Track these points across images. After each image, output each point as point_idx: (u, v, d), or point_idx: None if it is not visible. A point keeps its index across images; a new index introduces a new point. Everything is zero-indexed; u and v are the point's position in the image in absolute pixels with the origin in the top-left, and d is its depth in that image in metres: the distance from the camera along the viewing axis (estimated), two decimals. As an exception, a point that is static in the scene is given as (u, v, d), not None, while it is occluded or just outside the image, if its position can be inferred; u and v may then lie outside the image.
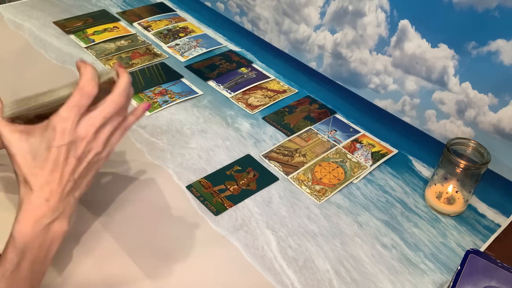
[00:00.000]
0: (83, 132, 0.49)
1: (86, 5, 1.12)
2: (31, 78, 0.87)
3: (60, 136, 0.48)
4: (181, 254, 0.59)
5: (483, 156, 0.66)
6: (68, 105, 0.49)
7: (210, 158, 0.74)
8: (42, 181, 0.48)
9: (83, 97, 0.49)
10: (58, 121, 0.48)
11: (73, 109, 0.48)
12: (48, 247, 0.49)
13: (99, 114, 0.50)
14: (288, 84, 0.93)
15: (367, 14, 0.84)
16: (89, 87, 0.49)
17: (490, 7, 0.68)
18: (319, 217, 0.66)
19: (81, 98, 0.49)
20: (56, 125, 0.48)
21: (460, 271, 0.53)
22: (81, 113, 0.49)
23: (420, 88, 0.81)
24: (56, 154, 0.48)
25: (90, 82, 0.50)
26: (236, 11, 1.11)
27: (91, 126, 0.50)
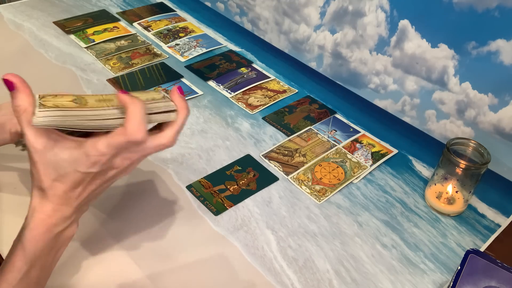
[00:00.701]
0: (117, 164, 0.47)
1: (86, 5, 1.12)
2: (31, 78, 0.86)
3: (91, 165, 0.45)
4: (181, 254, 0.59)
5: (483, 156, 0.66)
6: (110, 143, 0.45)
7: (210, 158, 0.74)
8: (60, 193, 0.46)
9: (128, 144, 0.45)
10: (93, 152, 0.45)
11: (113, 149, 0.45)
12: (57, 251, 0.49)
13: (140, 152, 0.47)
14: (288, 84, 0.93)
15: (367, 14, 0.84)
16: (138, 136, 0.45)
17: (490, 7, 0.68)
18: (319, 217, 0.66)
19: (126, 144, 0.45)
20: (90, 154, 0.45)
21: (460, 271, 0.53)
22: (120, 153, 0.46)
23: (420, 88, 0.81)
24: (82, 178, 0.46)
25: (139, 128, 0.45)
26: (236, 11, 1.11)
27: (127, 159, 0.47)
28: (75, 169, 0.45)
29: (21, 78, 0.45)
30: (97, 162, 0.45)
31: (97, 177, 0.47)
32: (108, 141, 0.45)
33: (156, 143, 0.48)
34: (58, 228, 0.47)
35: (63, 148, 0.45)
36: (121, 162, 0.47)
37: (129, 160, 0.47)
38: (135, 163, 0.49)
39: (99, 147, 0.45)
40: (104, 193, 0.60)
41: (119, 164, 0.47)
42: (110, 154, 0.45)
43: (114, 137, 0.45)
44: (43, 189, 0.46)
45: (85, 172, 0.46)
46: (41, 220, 0.46)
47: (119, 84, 0.87)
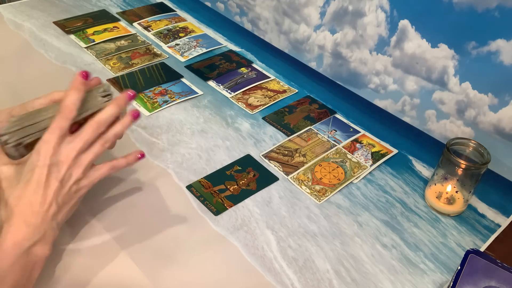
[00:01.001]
0: (64, 155, 0.51)
1: (86, 5, 1.12)
2: (31, 78, 0.87)
3: (43, 157, 0.50)
4: (181, 254, 0.59)
5: (483, 156, 0.66)
6: (50, 128, 0.51)
7: (210, 158, 0.74)
8: (24, 202, 0.49)
9: (63, 119, 0.51)
10: (41, 144, 0.50)
11: (54, 132, 0.51)
12: (30, 271, 0.48)
13: (80, 139, 0.52)
14: (288, 84, 0.93)
15: (367, 14, 0.84)
16: (67, 110, 0.52)
17: (490, 7, 0.68)
18: (319, 217, 0.66)
19: (61, 120, 0.51)
20: (40, 148, 0.50)
21: (460, 271, 0.53)
22: (62, 136, 0.51)
23: (420, 88, 0.81)
24: (38, 175, 0.50)
25: (69, 105, 0.52)
26: (236, 11, 1.11)
27: (71, 150, 0.52)
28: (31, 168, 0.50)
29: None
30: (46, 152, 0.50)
31: (51, 175, 0.50)
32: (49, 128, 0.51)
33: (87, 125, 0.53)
34: (27, 242, 0.48)
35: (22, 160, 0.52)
36: (67, 152, 0.51)
37: (74, 150, 0.51)
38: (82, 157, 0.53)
39: (43, 138, 0.51)
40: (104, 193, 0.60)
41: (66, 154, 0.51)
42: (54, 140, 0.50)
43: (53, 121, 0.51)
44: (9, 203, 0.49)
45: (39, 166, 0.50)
46: (9, 234, 0.47)
47: (119, 84, 0.87)
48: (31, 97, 0.81)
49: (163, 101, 0.84)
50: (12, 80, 0.86)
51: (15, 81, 0.85)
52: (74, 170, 0.52)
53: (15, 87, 0.84)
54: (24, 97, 0.81)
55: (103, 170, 0.55)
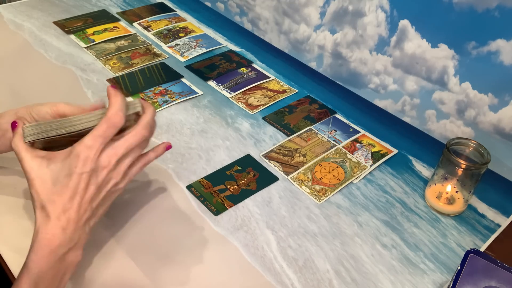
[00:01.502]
0: (105, 161, 0.50)
1: (86, 5, 1.12)
2: (31, 78, 0.87)
3: (83, 163, 0.48)
4: (181, 254, 0.59)
5: (483, 156, 0.66)
6: (94, 134, 0.49)
7: (210, 158, 0.74)
8: (60, 208, 0.48)
9: (110, 128, 0.50)
10: (82, 149, 0.48)
11: (98, 139, 0.49)
12: (62, 277, 0.49)
13: (123, 144, 0.51)
14: (288, 84, 0.93)
15: (367, 14, 0.84)
16: (117, 118, 0.50)
17: (490, 7, 0.68)
18: (319, 217, 0.66)
19: (108, 128, 0.50)
20: (80, 153, 0.48)
21: (460, 271, 0.53)
22: (105, 143, 0.50)
23: (420, 88, 0.81)
24: (76, 181, 0.48)
25: (118, 113, 0.50)
26: (236, 11, 1.11)
27: (113, 156, 0.50)
28: (69, 173, 0.48)
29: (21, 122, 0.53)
30: (86, 158, 0.48)
31: (90, 181, 0.49)
32: (91, 133, 0.49)
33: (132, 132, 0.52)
34: (62, 249, 0.48)
35: (56, 160, 0.49)
36: (108, 159, 0.50)
37: (115, 157, 0.50)
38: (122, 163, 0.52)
39: (85, 142, 0.49)
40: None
41: (107, 161, 0.50)
42: (97, 146, 0.49)
43: (96, 128, 0.49)
44: (44, 206, 0.48)
45: (78, 173, 0.48)
46: (45, 241, 0.47)
47: (119, 84, 0.87)
48: (31, 97, 0.81)
49: (163, 101, 0.84)
50: (12, 80, 0.86)
51: (15, 81, 0.85)
52: (113, 174, 0.51)
53: (15, 87, 0.84)
54: (24, 97, 0.82)
55: (137, 168, 0.55)
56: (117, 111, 0.50)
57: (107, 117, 0.50)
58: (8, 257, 0.56)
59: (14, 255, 0.56)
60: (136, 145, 0.53)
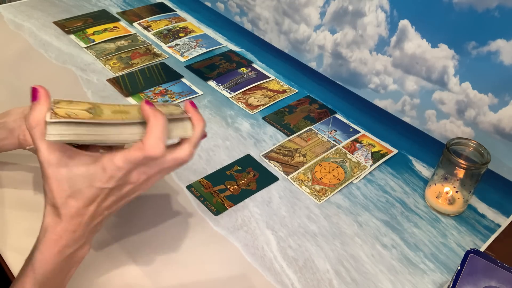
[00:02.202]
0: (134, 179, 0.46)
1: (86, 5, 1.12)
2: (31, 78, 0.87)
3: (107, 180, 0.44)
4: (181, 254, 0.59)
5: (483, 156, 0.66)
6: (126, 158, 0.44)
7: (210, 158, 0.74)
8: (73, 212, 0.44)
9: (145, 159, 0.44)
10: (110, 166, 0.44)
11: (130, 164, 0.44)
12: (67, 273, 0.47)
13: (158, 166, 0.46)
14: (288, 84, 0.93)
15: (367, 14, 0.84)
16: (156, 151, 0.44)
17: (490, 7, 0.68)
18: (319, 217, 0.66)
19: (143, 159, 0.44)
20: (107, 169, 0.44)
21: (460, 271, 0.53)
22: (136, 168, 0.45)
23: (420, 88, 0.81)
24: (97, 193, 0.45)
25: (158, 144, 0.44)
26: (236, 11, 1.11)
27: (143, 174, 0.46)
28: (90, 184, 0.44)
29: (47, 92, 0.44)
30: (113, 176, 0.44)
31: (112, 193, 0.46)
32: (125, 156, 0.44)
33: (173, 156, 0.47)
34: (70, 249, 0.46)
35: (79, 163, 0.44)
36: (137, 176, 0.46)
37: (145, 175, 0.46)
38: (152, 179, 0.47)
39: (115, 162, 0.43)
40: None
41: (135, 179, 0.46)
42: (127, 169, 0.44)
43: (131, 152, 0.44)
44: (57, 207, 0.44)
45: (100, 187, 0.44)
46: (53, 241, 0.44)
47: (119, 84, 0.87)
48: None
49: (163, 101, 0.84)
50: (12, 80, 0.86)
51: (15, 81, 0.85)
52: (139, 188, 0.47)
53: (15, 87, 0.84)
54: (24, 97, 0.81)
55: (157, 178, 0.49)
56: (157, 141, 0.44)
57: (146, 147, 0.44)
58: (8, 257, 0.56)
59: (15, 254, 0.56)
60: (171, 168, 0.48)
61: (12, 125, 0.59)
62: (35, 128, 0.42)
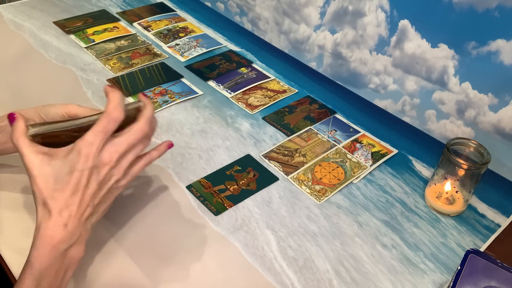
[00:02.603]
0: (107, 157, 0.50)
1: (86, 5, 1.12)
2: (31, 78, 0.87)
3: (84, 160, 0.48)
4: (181, 254, 0.59)
5: (483, 156, 0.66)
6: (95, 129, 0.49)
7: (210, 158, 0.74)
8: (61, 204, 0.48)
9: (110, 123, 0.50)
10: (83, 145, 0.48)
11: (99, 134, 0.49)
12: (64, 273, 0.49)
13: (124, 140, 0.51)
14: (288, 84, 0.93)
15: (367, 14, 0.84)
16: (116, 113, 0.50)
17: (490, 7, 0.68)
18: (319, 217, 0.66)
19: (108, 123, 0.49)
20: (81, 149, 0.48)
21: (460, 271, 0.54)
22: (106, 139, 0.50)
23: (420, 88, 0.81)
24: (78, 178, 0.48)
25: (117, 107, 0.50)
26: (236, 11, 1.11)
27: (115, 152, 0.50)
28: (70, 170, 0.48)
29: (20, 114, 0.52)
30: (88, 154, 0.48)
31: (92, 177, 0.49)
32: (92, 129, 0.49)
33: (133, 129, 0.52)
34: (64, 245, 0.48)
35: (58, 156, 0.49)
36: (110, 155, 0.50)
37: (117, 153, 0.50)
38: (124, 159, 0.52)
39: (86, 138, 0.49)
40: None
41: (108, 158, 0.50)
42: (98, 142, 0.49)
43: (97, 123, 0.49)
44: (46, 203, 0.47)
45: (79, 169, 0.48)
46: (46, 237, 0.47)
47: (119, 84, 0.87)
48: (31, 97, 0.81)
49: (163, 101, 0.84)
50: (12, 80, 0.86)
51: (15, 81, 0.85)
52: (115, 171, 0.51)
53: (15, 87, 0.84)
54: (24, 97, 0.82)
55: (140, 166, 0.55)
56: (116, 105, 0.50)
57: (107, 112, 0.50)
58: (8, 257, 0.56)
59: (14, 255, 0.56)
60: (138, 142, 0.53)
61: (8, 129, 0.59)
62: (18, 139, 0.49)
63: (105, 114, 0.50)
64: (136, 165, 0.55)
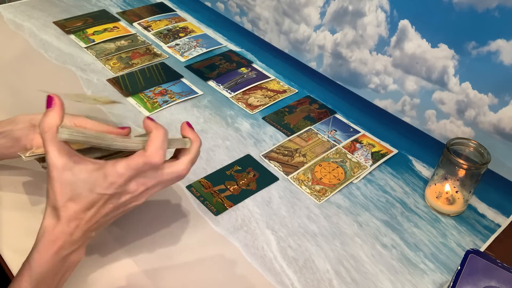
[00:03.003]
0: (133, 188, 0.48)
1: (86, 5, 1.12)
2: (31, 78, 0.87)
3: (108, 186, 0.46)
4: (181, 254, 0.59)
5: (483, 156, 0.66)
6: (129, 164, 0.47)
7: (210, 158, 0.74)
8: (71, 215, 0.46)
9: (146, 166, 0.48)
10: (112, 173, 0.46)
11: (131, 171, 0.47)
12: (62, 275, 0.48)
13: (156, 177, 0.49)
14: (288, 84, 0.93)
15: (367, 14, 0.84)
16: (157, 158, 0.48)
17: (490, 7, 0.68)
18: (319, 217, 0.66)
19: (144, 165, 0.47)
20: (108, 175, 0.46)
21: (460, 271, 0.54)
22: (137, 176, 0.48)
23: (420, 88, 0.81)
24: (96, 199, 0.47)
25: (158, 152, 0.48)
26: (236, 11, 1.11)
27: (142, 185, 0.49)
28: (91, 189, 0.46)
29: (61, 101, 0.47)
30: (113, 183, 0.46)
31: (110, 201, 0.48)
32: (127, 163, 0.47)
33: (171, 169, 0.50)
34: (65, 251, 0.47)
35: (83, 169, 0.46)
36: (136, 187, 0.48)
37: (143, 186, 0.49)
38: (149, 190, 0.50)
39: (117, 168, 0.46)
40: None
41: (134, 189, 0.48)
42: (128, 175, 0.47)
43: (133, 159, 0.47)
44: (57, 208, 0.46)
45: (100, 193, 0.46)
46: (50, 242, 0.46)
47: (119, 84, 0.87)
48: (31, 97, 0.81)
49: (163, 101, 0.84)
50: (12, 80, 0.86)
51: (15, 81, 0.85)
52: (136, 199, 0.50)
53: (15, 87, 0.84)
54: (24, 97, 0.82)
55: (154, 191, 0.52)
56: (158, 149, 0.48)
57: (147, 153, 0.47)
58: (8, 257, 0.56)
59: (14, 255, 0.56)
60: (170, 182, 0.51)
61: (18, 134, 0.59)
62: (47, 132, 0.45)
63: (145, 156, 0.47)
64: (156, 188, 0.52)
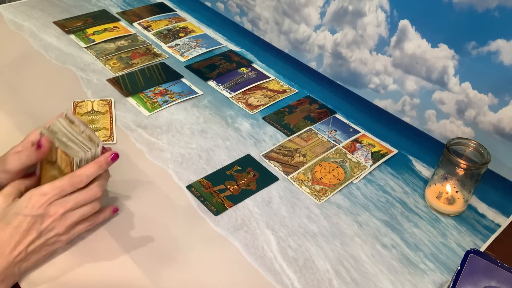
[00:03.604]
0: (53, 211, 0.52)
1: (86, 5, 1.12)
2: (31, 78, 0.87)
3: (31, 207, 0.51)
4: (181, 254, 0.59)
5: (483, 156, 0.66)
6: (54, 184, 0.52)
7: (210, 158, 0.74)
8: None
9: (70, 186, 0.53)
10: (36, 193, 0.51)
11: (55, 190, 0.52)
12: None
13: (73, 199, 0.53)
14: (288, 84, 0.93)
15: (367, 14, 0.84)
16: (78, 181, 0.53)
17: (490, 7, 0.68)
18: (319, 217, 0.66)
19: (68, 186, 0.53)
20: (32, 196, 0.51)
21: (460, 271, 0.54)
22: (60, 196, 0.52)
23: (420, 88, 0.82)
24: (20, 222, 0.50)
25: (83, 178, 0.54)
26: (236, 11, 1.11)
27: (61, 208, 0.52)
28: (17, 212, 0.50)
29: None
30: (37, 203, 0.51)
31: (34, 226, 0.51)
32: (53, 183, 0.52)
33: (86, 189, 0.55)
34: None
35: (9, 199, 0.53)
36: (56, 209, 0.52)
37: (62, 209, 0.52)
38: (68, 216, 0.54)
39: (42, 188, 0.52)
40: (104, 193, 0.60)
41: (54, 212, 0.52)
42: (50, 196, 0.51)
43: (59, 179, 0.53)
44: None
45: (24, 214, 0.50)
46: None
47: (119, 84, 0.87)
48: (31, 97, 0.81)
49: (163, 101, 0.84)
50: (12, 80, 0.86)
51: (15, 81, 0.85)
52: (57, 225, 0.53)
53: (15, 87, 0.84)
54: (24, 97, 0.82)
55: (83, 227, 0.57)
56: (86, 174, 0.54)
57: (74, 174, 0.53)
58: None
59: None
60: (86, 203, 0.55)
61: None
62: None
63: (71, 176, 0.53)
64: (81, 225, 0.56)
